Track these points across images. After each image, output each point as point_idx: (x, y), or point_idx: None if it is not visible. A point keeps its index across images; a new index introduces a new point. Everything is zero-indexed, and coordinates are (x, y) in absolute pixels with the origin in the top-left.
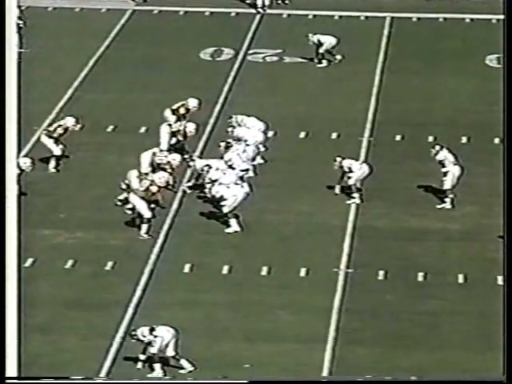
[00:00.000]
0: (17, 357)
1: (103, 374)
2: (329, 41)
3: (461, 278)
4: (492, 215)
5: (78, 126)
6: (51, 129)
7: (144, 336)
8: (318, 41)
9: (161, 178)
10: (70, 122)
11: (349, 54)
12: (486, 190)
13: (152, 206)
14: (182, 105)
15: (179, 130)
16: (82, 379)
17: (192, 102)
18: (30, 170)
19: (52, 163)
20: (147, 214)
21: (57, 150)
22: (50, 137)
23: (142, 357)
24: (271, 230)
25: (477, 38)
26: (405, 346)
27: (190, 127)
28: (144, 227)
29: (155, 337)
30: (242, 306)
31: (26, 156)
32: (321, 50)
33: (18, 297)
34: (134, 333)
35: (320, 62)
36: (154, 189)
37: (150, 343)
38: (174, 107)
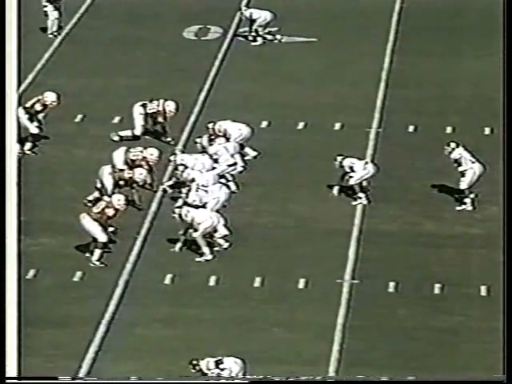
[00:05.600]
0: (17, 357)
1: None
2: (263, 16)
3: (483, 289)
4: None
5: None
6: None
7: (209, 369)
8: (251, 16)
9: (120, 199)
10: (49, 97)
11: (355, 33)
12: None
13: (111, 229)
14: (158, 111)
15: (158, 111)
16: (82, 379)
17: (170, 106)
18: None
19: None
20: (102, 238)
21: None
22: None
23: None
24: (265, 234)
25: (501, 14)
26: (419, 368)
27: (170, 106)
28: (97, 253)
29: (222, 370)
30: (231, 323)
31: None
32: (254, 27)
33: (18, 296)
34: (195, 362)
35: (255, 40)
36: (109, 212)
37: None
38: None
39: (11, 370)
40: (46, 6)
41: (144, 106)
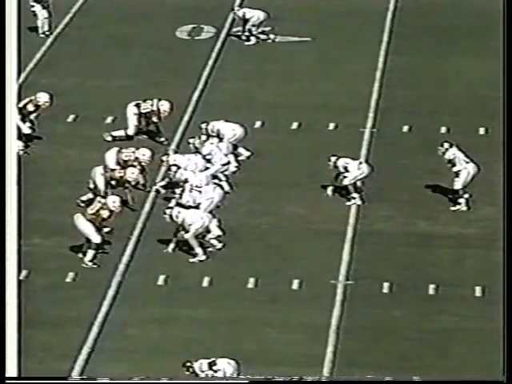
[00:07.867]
0: (17, 357)
1: None
2: (256, 15)
3: (478, 290)
4: None
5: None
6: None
7: (202, 370)
8: (244, 15)
9: (115, 201)
10: (42, 98)
11: (349, 33)
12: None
13: (105, 230)
14: (152, 111)
15: (153, 111)
16: (82, 379)
17: (164, 106)
18: None
19: None
20: (96, 239)
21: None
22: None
23: None
24: (259, 235)
25: (497, 13)
26: (414, 369)
27: (165, 106)
28: (90, 254)
29: (215, 371)
30: (224, 324)
31: None
32: (247, 26)
33: (18, 296)
34: (188, 364)
35: (248, 40)
36: (104, 214)
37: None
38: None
39: (11, 370)
40: (33, 6)
41: (138, 105)
